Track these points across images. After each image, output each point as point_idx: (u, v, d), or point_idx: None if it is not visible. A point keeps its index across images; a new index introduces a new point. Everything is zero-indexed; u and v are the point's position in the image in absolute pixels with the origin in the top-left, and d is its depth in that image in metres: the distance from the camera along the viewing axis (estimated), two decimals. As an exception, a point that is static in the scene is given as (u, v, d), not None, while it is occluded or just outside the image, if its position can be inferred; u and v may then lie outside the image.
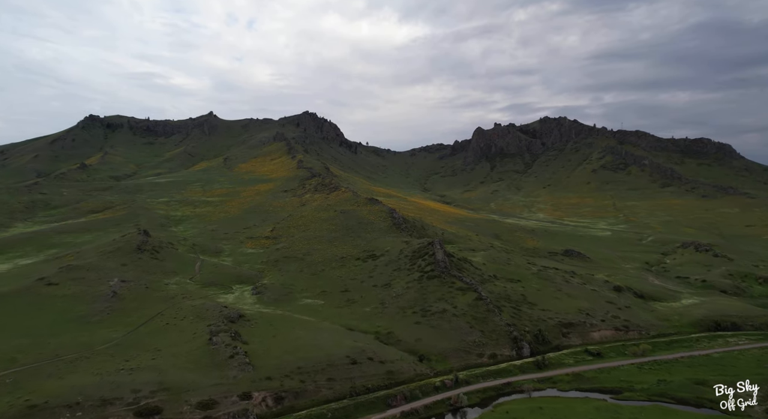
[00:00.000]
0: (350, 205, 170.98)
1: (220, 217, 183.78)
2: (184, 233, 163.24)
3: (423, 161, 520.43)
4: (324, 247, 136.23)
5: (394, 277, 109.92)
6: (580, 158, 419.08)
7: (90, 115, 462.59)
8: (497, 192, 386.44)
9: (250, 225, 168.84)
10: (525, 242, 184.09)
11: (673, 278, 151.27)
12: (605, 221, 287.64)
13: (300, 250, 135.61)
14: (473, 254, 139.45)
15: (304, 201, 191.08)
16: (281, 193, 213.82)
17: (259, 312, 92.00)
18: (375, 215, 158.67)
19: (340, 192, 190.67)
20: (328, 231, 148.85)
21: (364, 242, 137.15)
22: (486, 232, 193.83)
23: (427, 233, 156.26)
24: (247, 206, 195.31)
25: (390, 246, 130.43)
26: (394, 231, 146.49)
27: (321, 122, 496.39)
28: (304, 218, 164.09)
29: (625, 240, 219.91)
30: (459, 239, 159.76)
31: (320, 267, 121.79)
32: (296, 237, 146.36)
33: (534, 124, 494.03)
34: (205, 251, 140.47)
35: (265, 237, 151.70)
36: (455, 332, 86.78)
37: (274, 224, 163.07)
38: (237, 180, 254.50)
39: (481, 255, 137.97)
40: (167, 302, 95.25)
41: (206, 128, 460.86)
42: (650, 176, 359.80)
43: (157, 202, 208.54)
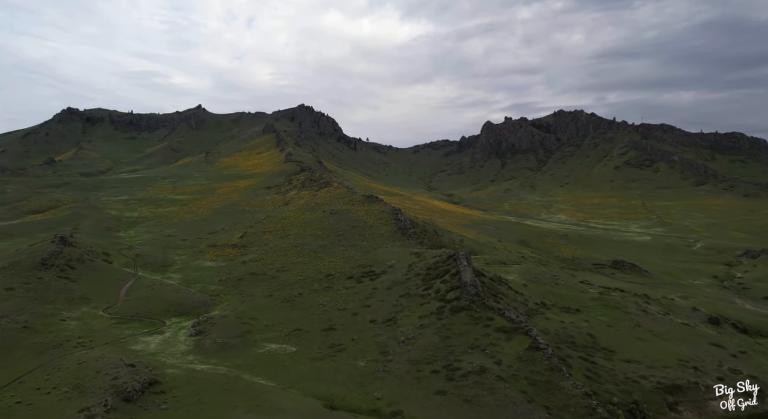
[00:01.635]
0: (343, 204, 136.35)
1: (184, 219, 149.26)
2: (131, 240, 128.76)
3: (427, 158, 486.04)
4: (305, 260, 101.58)
5: (402, 308, 74.98)
6: (600, 154, 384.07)
7: (68, 107, 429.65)
8: (510, 191, 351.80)
9: (218, 229, 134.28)
10: (560, 250, 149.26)
11: (761, 298, 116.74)
12: (637, 224, 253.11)
13: (273, 264, 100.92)
14: (505, 269, 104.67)
15: (287, 199, 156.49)
16: (263, 190, 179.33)
17: (187, 372, 57.18)
18: (374, 217, 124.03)
19: (331, 189, 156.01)
20: (312, 238, 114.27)
21: (360, 254, 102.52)
22: (510, 237, 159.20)
23: (442, 240, 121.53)
24: (219, 206, 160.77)
25: (394, 259, 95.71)
26: (400, 238, 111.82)
27: (318, 117, 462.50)
28: (285, 220, 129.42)
29: (671, 247, 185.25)
30: (482, 248, 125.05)
31: (297, 290, 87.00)
32: (271, 245, 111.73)
33: (547, 118, 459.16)
34: (150, 264, 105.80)
35: (231, 245, 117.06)
36: (505, 410, 52.00)
37: (247, 228, 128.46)
38: (214, 176, 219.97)
39: (515, 271, 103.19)
40: (46, 353, 60.54)
41: (193, 122, 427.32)
42: (681, 174, 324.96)
43: (114, 200, 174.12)
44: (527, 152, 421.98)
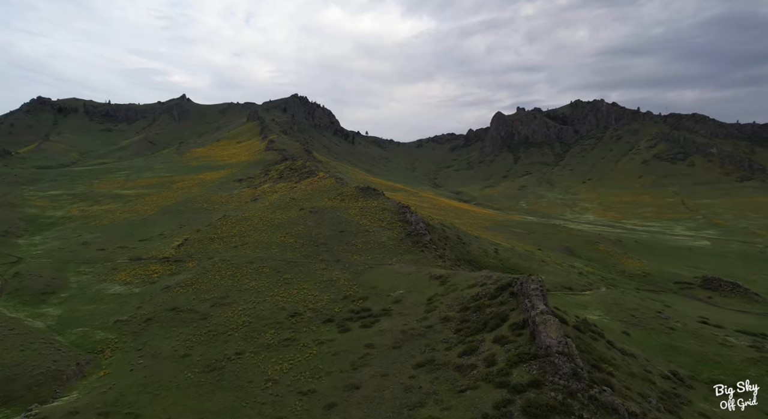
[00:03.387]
0: (329, 199, 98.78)
1: (118, 220, 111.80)
2: (29, 250, 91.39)
3: (432, 153, 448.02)
4: (261, 285, 64.02)
5: (422, 397, 37.31)
6: (624, 147, 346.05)
7: (39, 97, 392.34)
8: (526, 188, 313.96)
9: (154, 234, 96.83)
10: (621, 261, 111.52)
11: None
12: (681, 225, 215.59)
13: (210, 291, 63.36)
14: (578, 300, 67.18)
15: (258, 194, 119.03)
16: (232, 183, 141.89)
17: None
18: (372, 217, 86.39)
19: (315, 179, 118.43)
20: (279, 248, 76.82)
21: (348, 275, 64.93)
22: (550, 244, 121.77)
23: (471, 250, 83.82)
24: (170, 203, 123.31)
25: (404, 287, 58.14)
26: (410, 249, 74.14)
27: (312, 108, 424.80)
28: (246, 221, 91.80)
29: (745, 255, 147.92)
30: (526, 263, 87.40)
31: (234, 346, 49.42)
32: (216, 260, 74.16)
33: (563, 108, 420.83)
34: (26, 289, 68.30)
35: (161, 259, 79.49)
36: None
37: (192, 233, 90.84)
38: (180, 167, 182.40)
39: (593, 302, 65.71)
40: None
41: (176, 113, 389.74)
42: (721, 168, 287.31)
43: (41, 196, 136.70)
44: (542, 145, 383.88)
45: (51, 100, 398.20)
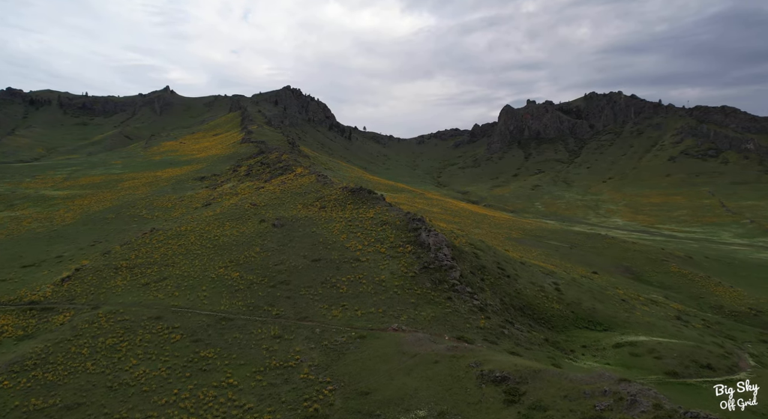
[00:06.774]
0: (305, 205, 68.35)
1: (21, 232, 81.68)
2: None
3: (434, 150, 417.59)
4: (153, 375, 33.79)
5: None
6: (647, 143, 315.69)
7: (8, 88, 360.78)
8: (540, 188, 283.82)
9: (51, 256, 66.74)
10: (709, 289, 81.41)
11: None
12: (728, 231, 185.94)
13: (55, 387, 33.20)
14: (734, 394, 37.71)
15: (213, 196, 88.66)
16: (191, 182, 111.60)
17: None
18: (364, 236, 56.05)
19: (290, 177, 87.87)
20: (212, 290, 46.65)
21: (317, 357, 34.62)
22: (604, 263, 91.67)
23: (520, 289, 53.61)
24: (101, 209, 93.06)
25: (427, 397, 28.11)
26: (430, 295, 43.87)
27: (306, 101, 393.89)
28: (179, 239, 61.47)
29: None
30: (599, 302, 57.39)
31: None
32: (103, 310, 43.87)
33: (577, 101, 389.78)
34: None
35: (26, 304, 49.40)
36: None
37: (96, 257, 60.51)
38: (139, 163, 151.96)
39: None
40: None
41: (158, 106, 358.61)
42: (761, 165, 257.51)
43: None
44: (555, 141, 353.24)
45: (22, 91, 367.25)
